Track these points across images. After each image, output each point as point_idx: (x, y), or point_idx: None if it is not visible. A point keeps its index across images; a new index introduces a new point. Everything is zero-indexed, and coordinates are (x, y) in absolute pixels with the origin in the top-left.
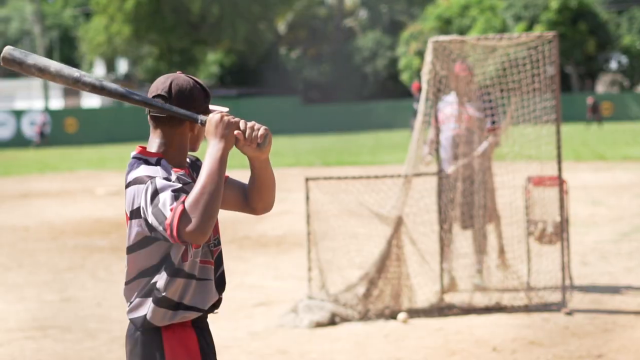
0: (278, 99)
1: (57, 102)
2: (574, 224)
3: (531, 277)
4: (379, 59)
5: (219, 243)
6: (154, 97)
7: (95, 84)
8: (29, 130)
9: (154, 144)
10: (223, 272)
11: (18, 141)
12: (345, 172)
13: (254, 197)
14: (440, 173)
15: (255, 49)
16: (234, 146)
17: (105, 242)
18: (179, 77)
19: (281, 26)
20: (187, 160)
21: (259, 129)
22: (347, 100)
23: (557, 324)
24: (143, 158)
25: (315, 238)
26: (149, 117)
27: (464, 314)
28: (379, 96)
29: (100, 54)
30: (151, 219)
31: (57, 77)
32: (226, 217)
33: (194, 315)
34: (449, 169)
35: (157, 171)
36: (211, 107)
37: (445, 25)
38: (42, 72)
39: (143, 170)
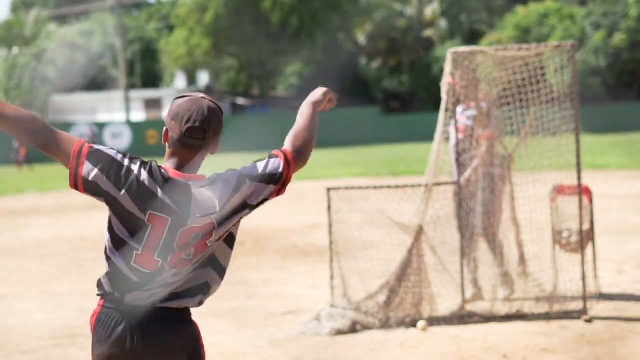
0: (358, 110)
1: (138, 115)
2: (617, 232)
3: (554, 285)
4: None
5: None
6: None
7: None
8: (111, 143)
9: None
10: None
11: None
12: (411, 181)
13: None
14: (457, 182)
15: (335, 60)
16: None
17: None
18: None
19: (361, 37)
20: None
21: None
22: (425, 110)
23: (573, 332)
24: None
25: (337, 247)
26: None
27: (484, 322)
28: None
29: (181, 66)
30: None
31: None
32: (277, 228)
33: None
34: (461, 177)
35: None
36: None
37: (524, 34)
38: None
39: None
